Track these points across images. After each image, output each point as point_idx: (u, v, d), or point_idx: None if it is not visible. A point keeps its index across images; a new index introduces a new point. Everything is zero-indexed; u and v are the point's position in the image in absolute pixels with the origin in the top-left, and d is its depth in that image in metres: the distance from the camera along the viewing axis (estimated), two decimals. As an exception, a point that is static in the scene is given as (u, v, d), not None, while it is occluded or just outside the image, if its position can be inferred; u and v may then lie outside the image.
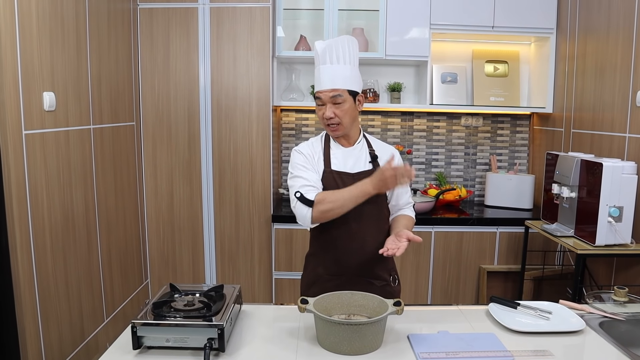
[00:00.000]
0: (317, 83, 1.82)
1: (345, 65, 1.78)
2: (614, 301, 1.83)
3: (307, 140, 1.93)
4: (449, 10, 3.27)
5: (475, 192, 3.80)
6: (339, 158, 1.85)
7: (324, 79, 1.78)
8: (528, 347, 1.50)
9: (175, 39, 3.13)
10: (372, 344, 1.44)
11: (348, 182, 1.77)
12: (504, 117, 3.75)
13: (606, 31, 2.73)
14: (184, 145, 3.22)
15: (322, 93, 1.78)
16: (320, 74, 1.80)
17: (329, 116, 1.77)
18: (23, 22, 1.98)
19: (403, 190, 1.92)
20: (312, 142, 1.91)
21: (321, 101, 1.79)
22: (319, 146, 1.88)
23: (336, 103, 1.77)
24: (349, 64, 1.79)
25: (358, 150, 1.87)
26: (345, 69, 1.78)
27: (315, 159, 1.84)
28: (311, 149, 1.87)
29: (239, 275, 3.32)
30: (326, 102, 1.78)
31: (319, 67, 1.81)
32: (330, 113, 1.77)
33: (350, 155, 1.86)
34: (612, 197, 2.32)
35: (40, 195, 2.10)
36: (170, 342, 1.44)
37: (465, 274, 3.25)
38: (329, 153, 1.85)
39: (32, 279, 2.04)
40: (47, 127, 2.14)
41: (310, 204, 1.71)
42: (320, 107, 1.81)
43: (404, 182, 1.63)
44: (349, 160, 1.85)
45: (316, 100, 1.82)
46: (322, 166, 1.83)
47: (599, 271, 2.75)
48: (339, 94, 1.76)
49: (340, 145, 1.88)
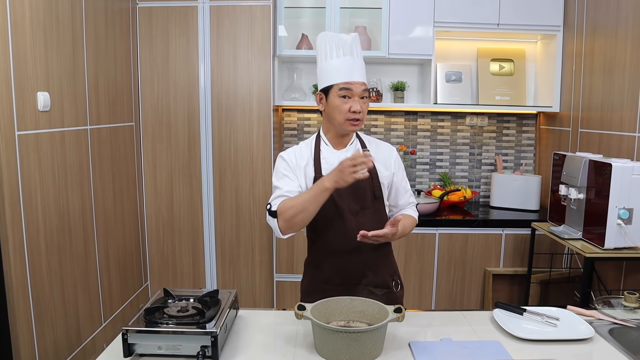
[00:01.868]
0: (340, 74, 1.69)
1: (364, 63, 1.75)
2: (624, 307, 1.76)
3: (295, 145, 1.85)
4: (453, 7, 3.21)
5: (481, 193, 3.73)
6: (329, 162, 1.75)
7: (356, 70, 1.70)
8: (534, 355, 1.44)
9: (174, 38, 3.09)
10: (372, 352, 1.39)
11: (341, 187, 1.70)
12: (509, 117, 3.68)
13: (614, 28, 2.66)
14: (184, 146, 3.17)
15: (354, 85, 1.68)
16: (347, 65, 1.69)
17: (359, 110, 1.67)
18: (16, 21, 1.93)
19: (402, 190, 1.83)
20: (301, 147, 1.82)
21: (351, 93, 1.68)
22: (309, 152, 1.79)
23: (363, 97, 1.70)
24: (363, 61, 1.76)
25: (351, 152, 1.77)
26: (364, 65, 1.75)
27: (302, 165, 1.76)
28: (297, 155, 1.78)
29: (239, 278, 3.27)
30: (356, 95, 1.68)
31: (345, 57, 1.70)
32: (360, 107, 1.67)
33: (342, 157, 1.74)
34: (621, 199, 2.25)
35: (34, 196, 2.06)
36: (162, 350, 1.39)
37: (470, 277, 3.19)
38: (319, 157, 1.77)
39: (25, 281, 2.00)
40: (41, 128, 2.10)
41: (275, 215, 1.66)
42: (345, 100, 1.68)
43: (363, 172, 1.52)
44: None
45: (340, 91, 1.68)
46: (312, 172, 1.75)
47: (608, 275, 2.68)
48: (367, 88, 1.72)
49: (332, 148, 1.80)
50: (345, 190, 1.67)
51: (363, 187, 1.72)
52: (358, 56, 1.73)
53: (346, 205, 1.71)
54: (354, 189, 1.70)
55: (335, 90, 1.70)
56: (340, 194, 1.69)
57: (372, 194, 1.74)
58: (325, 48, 1.73)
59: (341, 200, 1.71)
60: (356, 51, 1.73)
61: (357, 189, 1.71)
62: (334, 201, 1.70)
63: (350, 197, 1.71)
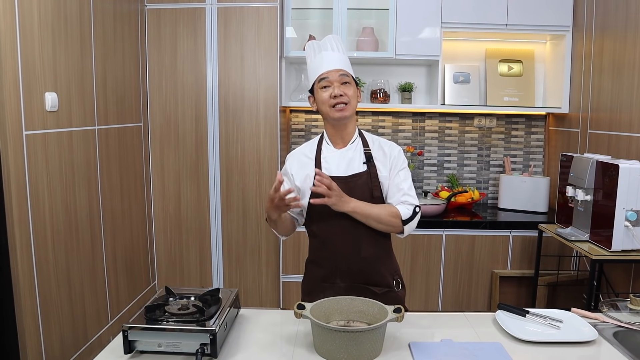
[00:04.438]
0: (318, 69, 1.75)
1: (342, 54, 1.77)
2: (630, 310, 1.74)
3: (303, 144, 1.87)
4: (461, 8, 3.20)
5: (489, 194, 3.70)
6: (330, 162, 1.76)
7: (329, 60, 1.73)
8: (536, 357, 1.43)
9: (182, 40, 3.12)
10: (371, 352, 1.39)
11: (340, 187, 1.68)
12: (518, 118, 3.65)
13: (624, 28, 2.63)
14: (191, 146, 3.20)
15: (329, 73, 1.71)
16: (323, 59, 1.74)
17: (338, 93, 1.69)
18: (24, 22, 1.97)
19: (394, 188, 1.75)
20: (305, 146, 1.86)
21: (328, 81, 1.71)
22: (312, 152, 1.81)
23: (343, 83, 1.71)
24: (343, 53, 1.78)
25: (352, 150, 1.77)
26: (343, 56, 1.78)
27: (305, 167, 1.79)
28: (297, 159, 1.82)
29: (246, 278, 3.29)
30: (333, 81, 1.70)
31: (321, 53, 1.75)
32: (339, 90, 1.69)
33: (343, 157, 1.77)
34: (629, 201, 2.22)
35: (41, 196, 2.09)
36: (162, 347, 1.40)
37: (477, 279, 3.16)
38: (320, 157, 1.78)
39: (32, 279, 2.03)
40: (49, 128, 2.13)
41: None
42: (325, 89, 1.72)
43: (289, 199, 1.57)
44: (342, 163, 1.76)
45: (320, 83, 1.72)
46: (313, 172, 1.74)
47: (617, 278, 2.65)
48: (345, 73, 1.73)
49: (332, 147, 1.80)
50: (344, 190, 1.68)
51: (361, 186, 1.72)
52: (334, 49, 1.75)
53: None
54: (352, 188, 1.71)
55: (317, 86, 1.75)
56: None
57: (370, 193, 1.73)
58: (313, 49, 1.79)
59: None
60: (331, 45, 1.75)
61: (355, 188, 1.71)
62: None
63: (349, 196, 1.71)
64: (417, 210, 1.74)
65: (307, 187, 1.75)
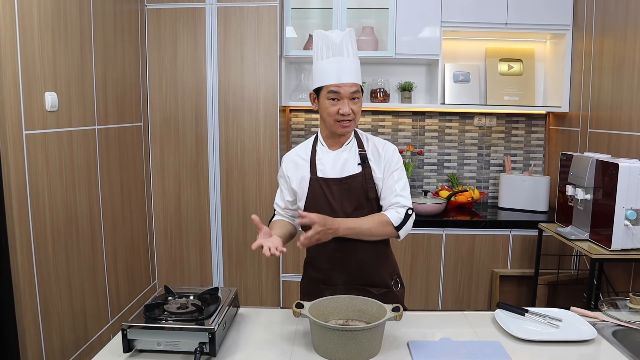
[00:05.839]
0: (329, 76, 1.65)
1: (357, 59, 1.70)
2: (629, 309, 1.74)
3: (301, 144, 1.83)
4: (461, 7, 3.19)
5: (489, 193, 3.70)
6: (324, 163, 1.73)
7: (344, 71, 1.63)
8: (534, 356, 1.43)
9: (182, 39, 3.12)
10: (369, 350, 1.39)
11: (334, 188, 1.68)
12: (518, 117, 3.65)
13: (624, 27, 2.62)
14: (192, 146, 3.20)
15: (343, 87, 1.63)
16: (337, 67, 1.64)
17: (347, 112, 1.63)
18: (24, 22, 1.97)
19: (387, 189, 1.72)
20: (300, 147, 1.81)
21: (339, 96, 1.63)
22: (307, 154, 1.77)
23: (353, 98, 1.66)
24: (357, 58, 1.70)
25: (347, 152, 1.74)
26: (357, 63, 1.70)
27: (300, 169, 1.75)
28: (293, 161, 1.78)
29: (246, 277, 3.29)
30: (345, 97, 1.64)
31: (335, 58, 1.65)
32: (348, 109, 1.63)
33: (338, 158, 1.73)
34: (628, 199, 2.21)
35: (41, 195, 2.09)
36: (161, 346, 1.41)
37: (478, 278, 3.16)
38: (314, 159, 1.75)
39: (32, 279, 2.03)
40: (49, 128, 2.13)
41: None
42: (334, 103, 1.64)
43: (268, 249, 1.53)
44: (337, 164, 1.73)
45: (329, 94, 1.64)
46: (308, 174, 1.73)
47: (617, 277, 2.65)
48: (358, 89, 1.66)
49: (327, 148, 1.76)
50: (339, 192, 1.67)
51: (356, 188, 1.71)
52: (349, 55, 1.66)
53: (340, 206, 1.70)
54: (347, 190, 1.70)
55: (324, 92, 1.66)
56: (333, 196, 1.70)
57: (365, 195, 1.71)
58: (317, 47, 1.69)
59: (335, 202, 1.70)
60: (347, 50, 1.66)
61: (350, 190, 1.70)
62: (328, 202, 1.70)
63: (343, 198, 1.70)
64: (409, 213, 1.69)
65: (303, 190, 1.74)
